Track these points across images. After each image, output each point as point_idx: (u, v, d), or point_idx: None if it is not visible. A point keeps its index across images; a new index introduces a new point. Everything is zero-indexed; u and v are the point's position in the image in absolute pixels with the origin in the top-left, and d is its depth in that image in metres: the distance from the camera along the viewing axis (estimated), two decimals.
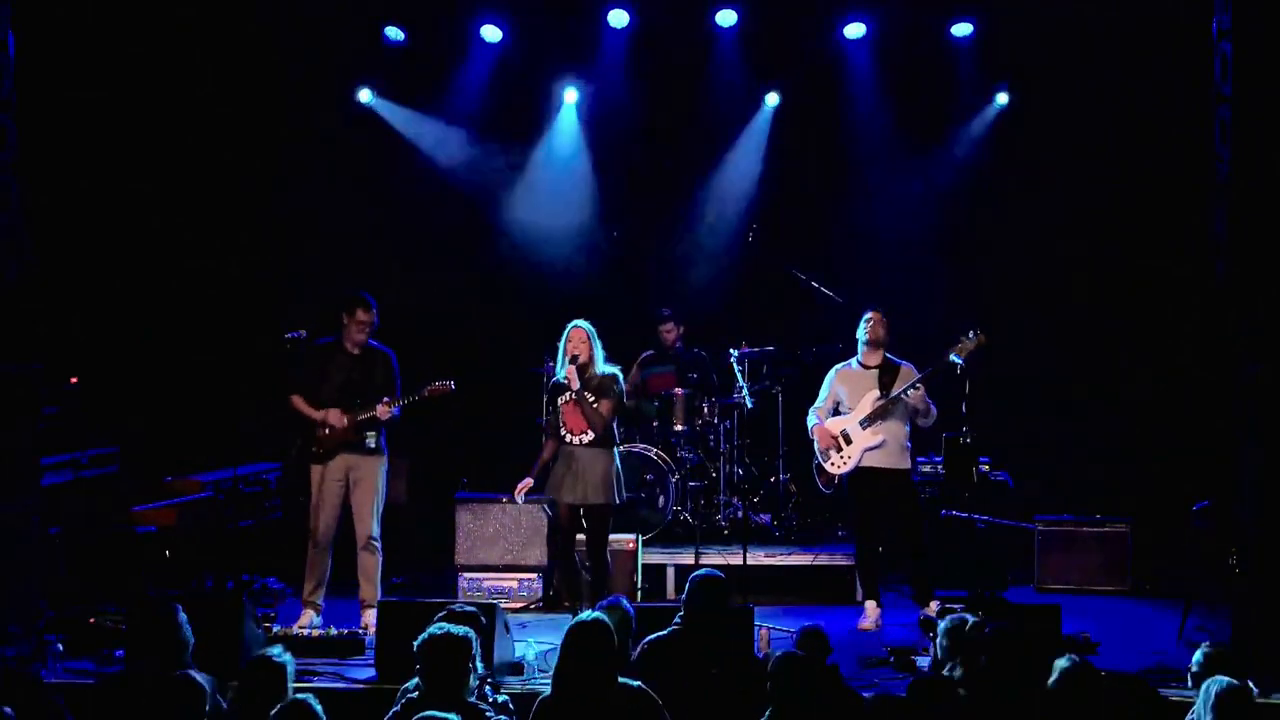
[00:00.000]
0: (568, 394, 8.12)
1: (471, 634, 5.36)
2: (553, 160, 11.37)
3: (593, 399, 8.05)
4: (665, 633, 6.27)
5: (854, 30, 10.73)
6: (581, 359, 8.10)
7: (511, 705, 5.75)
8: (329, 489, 8.28)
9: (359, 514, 8.31)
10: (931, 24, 10.70)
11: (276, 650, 5.45)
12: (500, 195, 11.39)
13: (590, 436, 8.11)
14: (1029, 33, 10.51)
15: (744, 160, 11.29)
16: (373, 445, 8.33)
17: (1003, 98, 10.89)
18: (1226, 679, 5.18)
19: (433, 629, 5.34)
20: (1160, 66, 10.00)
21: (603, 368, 8.18)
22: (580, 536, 8.37)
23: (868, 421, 8.47)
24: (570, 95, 11.22)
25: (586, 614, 5.64)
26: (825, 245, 11.06)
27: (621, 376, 8.31)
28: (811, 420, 8.68)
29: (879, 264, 10.84)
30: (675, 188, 11.31)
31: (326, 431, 8.24)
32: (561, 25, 10.96)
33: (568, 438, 8.17)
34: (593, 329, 8.19)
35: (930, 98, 10.95)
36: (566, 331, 8.19)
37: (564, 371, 8.12)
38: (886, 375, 8.54)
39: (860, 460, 8.51)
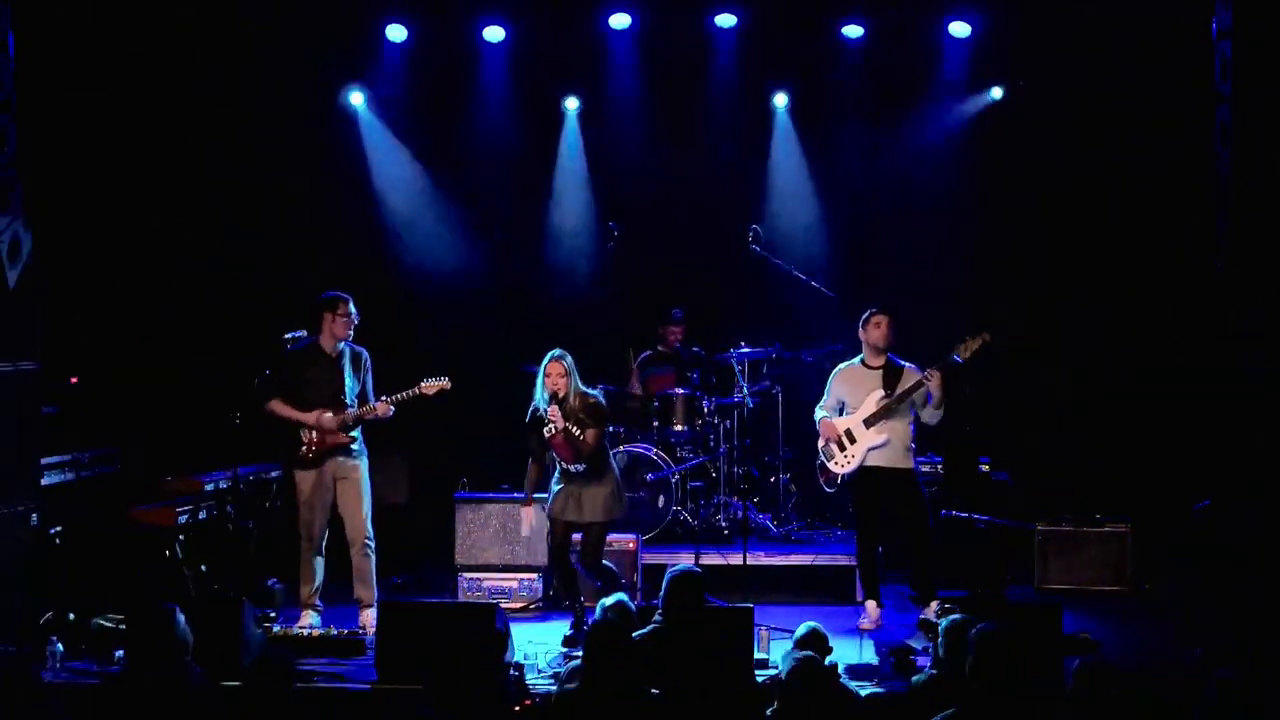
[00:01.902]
0: (551, 428, 8.08)
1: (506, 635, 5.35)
2: (553, 162, 11.36)
3: (578, 431, 8.04)
4: (645, 630, 6.25)
5: (852, 31, 10.72)
6: (561, 393, 8.05)
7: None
8: (318, 493, 8.27)
9: (350, 518, 8.30)
10: (930, 23, 10.68)
11: (279, 651, 5.44)
12: (499, 195, 11.38)
13: (584, 465, 8.14)
14: (1027, 31, 10.50)
15: (743, 160, 11.27)
16: (356, 447, 8.34)
17: (997, 92, 10.86)
18: (1229, 670, 5.18)
19: (465, 632, 5.32)
20: (1160, 66, 9.99)
21: (579, 390, 8.11)
22: (576, 536, 8.38)
23: (872, 421, 8.46)
24: (571, 102, 11.20)
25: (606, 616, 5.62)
26: (824, 244, 11.05)
27: (601, 397, 8.24)
28: (820, 415, 8.67)
29: (877, 263, 10.83)
30: (675, 187, 11.29)
31: (315, 435, 8.23)
32: (563, 29, 10.95)
33: (563, 465, 8.22)
34: (570, 358, 8.12)
35: (929, 97, 10.94)
36: (544, 365, 8.12)
37: (545, 405, 8.07)
38: (891, 375, 8.52)
39: (864, 460, 8.50)
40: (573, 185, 11.38)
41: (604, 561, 8.34)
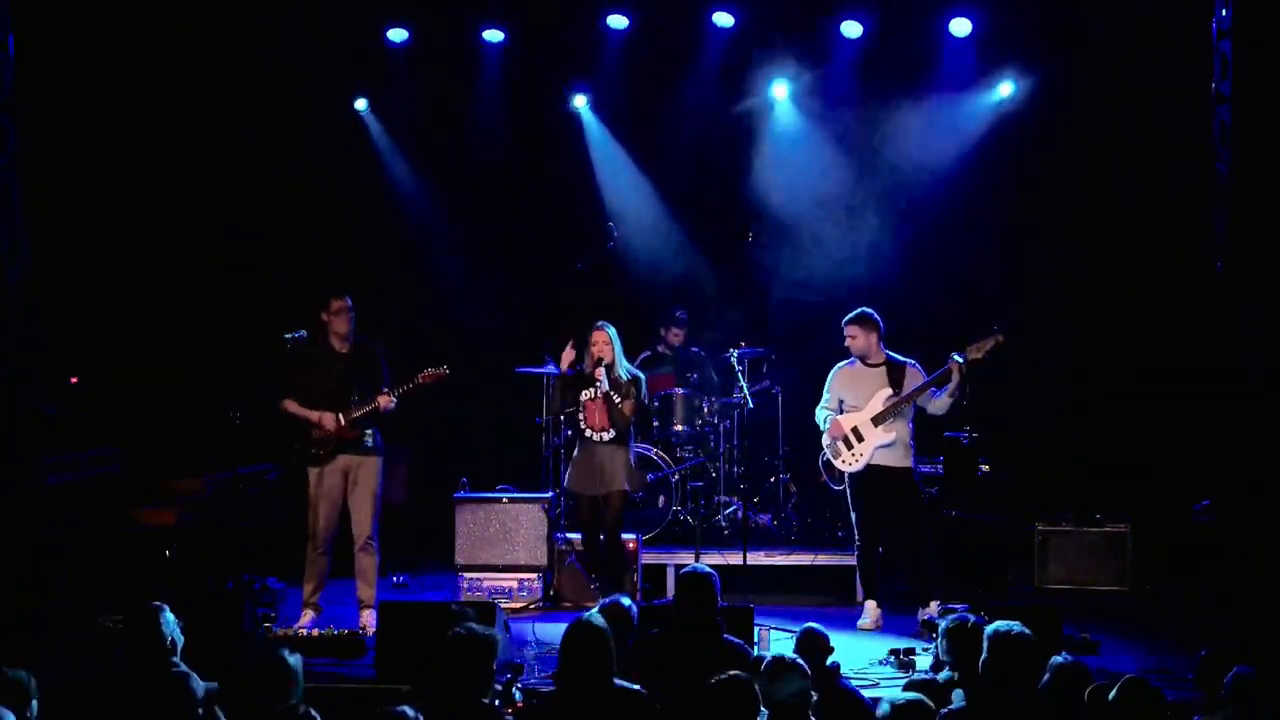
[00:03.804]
0: (593, 391, 8.42)
1: (497, 636, 5.32)
2: (554, 162, 11.36)
3: (618, 399, 8.40)
4: (657, 631, 6.24)
5: (852, 29, 10.69)
6: (606, 360, 8.44)
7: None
8: (328, 490, 8.26)
9: (357, 515, 8.30)
10: (930, 21, 10.68)
11: (284, 651, 5.40)
12: (497, 197, 11.38)
13: (611, 434, 8.46)
14: (1028, 31, 10.50)
15: (744, 158, 11.26)
16: (370, 443, 8.33)
17: (1004, 89, 10.84)
18: (1246, 667, 5.19)
19: (458, 629, 5.28)
20: (1160, 66, 9.99)
21: (624, 369, 8.52)
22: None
23: (880, 419, 8.46)
24: (580, 100, 11.21)
25: (587, 614, 5.61)
26: (827, 244, 11.06)
27: (644, 381, 8.61)
28: (825, 415, 8.66)
29: (877, 262, 10.83)
30: (674, 187, 11.29)
31: (323, 432, 8.23)
32: (561, 29, 10.96)
33: (588, 433, 8.51)
34: (615, 331, 8.52)
35: (929, 96, 10.93)
36: (590, 333, 8.50)
37: (590, 370, 8.44)
38: (894, 372, 8.52)
39: (871, 458, 8.50)
40: (573, 185, 11.38)
41: (622, 541, 8.61)
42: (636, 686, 5.38)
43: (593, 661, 5.31)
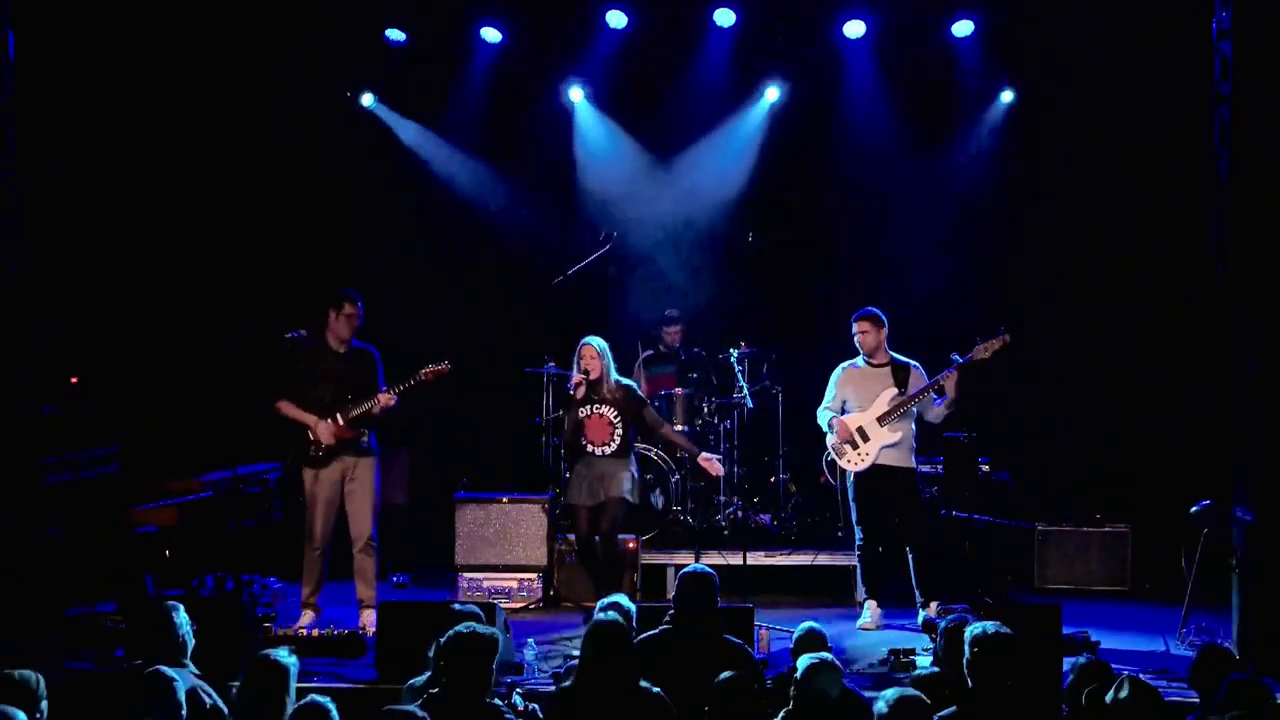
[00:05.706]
0: (588, 408, 8.35)
1: (499, 635, 5.32)
2: (553, 161, 11.36)
3: (616, 415, 8.34)
4: (656, 631, 6.25)
5: (854, 29, 10.68)
6: (593, 375, 8.35)
7: (540, 712, 5.68)
8: (325, 491, 8.25)
9: (356, 516, 8.28)
10: (933, 22, 10.68)
11: (282, 652, 5.42)
12: (499, 196, 11.38)
13: (611, 448, 8.38)
14: (1030, 32, 10.50)
15: (746, 160, 11.26)
16: (366, 444, 8.32)
17: (1007, 95, 10.84)
18: (1241, 673, 5.18)
19: (459, 628, 5.29)
20: (1161, 66, 9.99)
21: (615, 379, 8.42)
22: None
23: (886, 419, 8.46)
24: (576, 94, 11.21)
25: (605, 615, 5.61)
26: (830, 245, 11.04)
27: (636, 386, 8.56)
28: (827, 415, 8.65)
29: (880, 264, 10.83)
30: (674, 188, 11.30)
31: (318, 435, 8.21)
32: (559, 27, 10.96)
33: (589, 448, 8.42)
34: (604, 345, 8.43)
35: (931, 96, 10.93)
36: (578, 349, 8.45)
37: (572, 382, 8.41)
38: (899, 372, 8.53)
39: (877, 458, 8.50)
40: (572, 183, 11.38)
41: (619, 548, 8.55)
42: (658, 690, 5.39)
43: (616, 661, 5.33)
